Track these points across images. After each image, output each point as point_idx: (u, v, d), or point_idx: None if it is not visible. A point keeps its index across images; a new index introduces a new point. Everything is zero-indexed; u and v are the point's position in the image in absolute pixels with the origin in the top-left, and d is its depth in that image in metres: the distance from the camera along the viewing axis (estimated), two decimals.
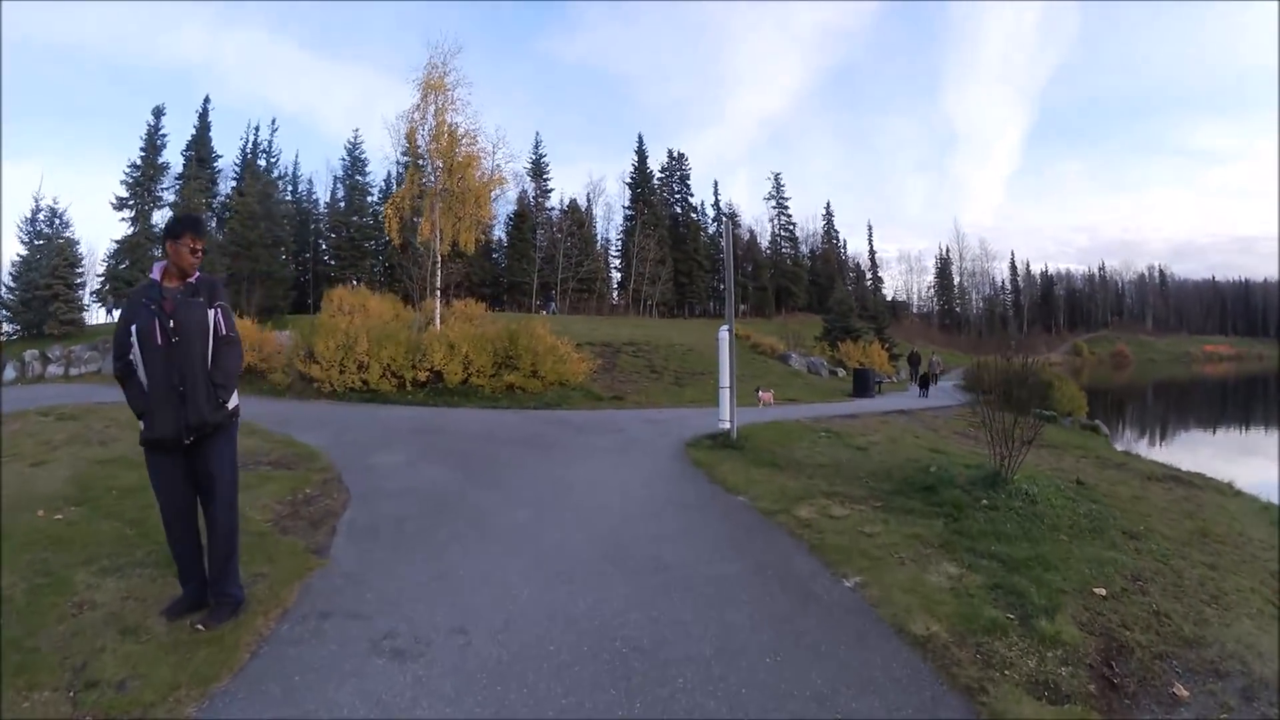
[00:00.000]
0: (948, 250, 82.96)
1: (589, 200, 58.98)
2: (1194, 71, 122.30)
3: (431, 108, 20.59)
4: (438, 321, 21.15)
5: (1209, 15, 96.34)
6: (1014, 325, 76.19)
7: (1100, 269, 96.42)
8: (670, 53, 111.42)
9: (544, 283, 49.90)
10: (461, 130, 20.77)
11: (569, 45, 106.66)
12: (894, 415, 13.54)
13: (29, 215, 30.54)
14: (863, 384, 20.91)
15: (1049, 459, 8.37)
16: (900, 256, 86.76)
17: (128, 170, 34.69)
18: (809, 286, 65.57)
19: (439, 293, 22.64)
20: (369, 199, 44.59)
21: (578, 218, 54.54)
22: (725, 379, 8.82)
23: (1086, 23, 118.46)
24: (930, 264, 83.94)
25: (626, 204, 59.41)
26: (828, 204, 72.53)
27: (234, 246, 34.68)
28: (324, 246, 45.46)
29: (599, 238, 58.53)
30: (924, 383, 21.61)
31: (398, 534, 4.30)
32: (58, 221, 30.07)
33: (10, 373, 21.63)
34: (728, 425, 8.45)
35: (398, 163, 23.41)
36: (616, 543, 4.17)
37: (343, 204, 45.17)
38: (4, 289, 29.19)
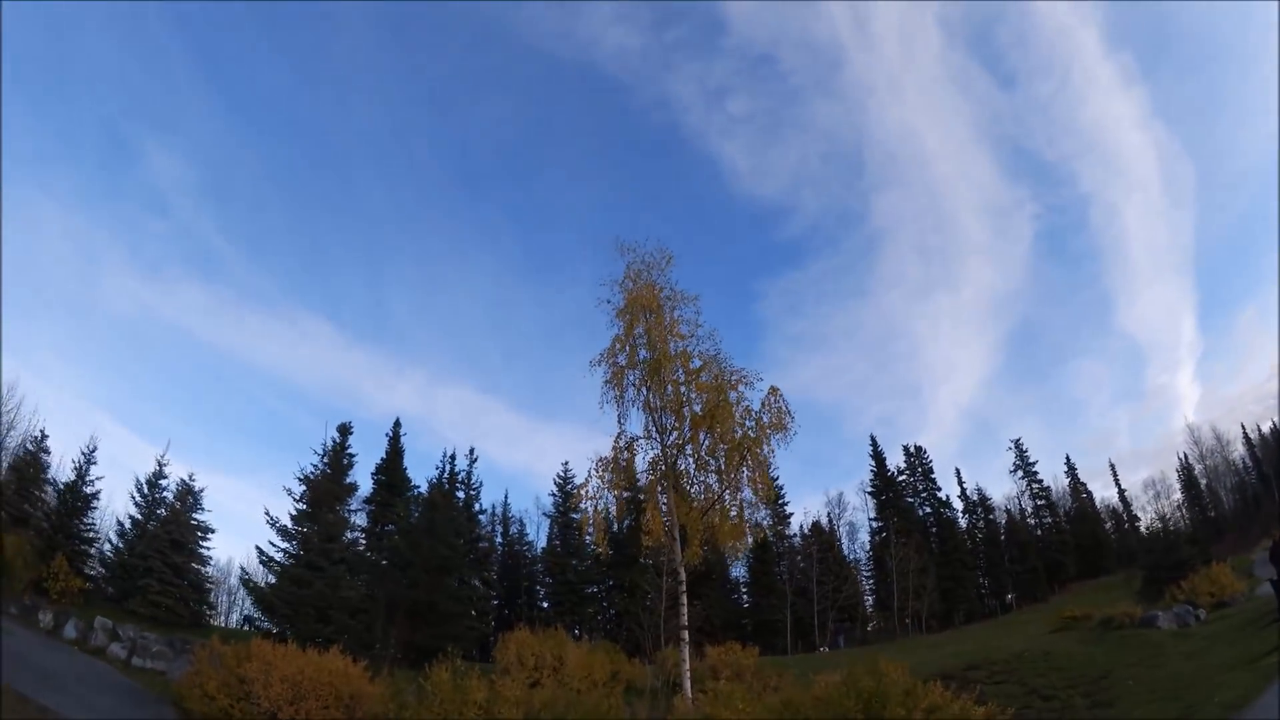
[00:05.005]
0: (1185, 456, 70.24)
1: (831, 520, 53.42)
2: None
3: (641, 338, 14.18)
4: (687, 685, 12.85)
5: None
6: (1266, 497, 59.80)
7: None
8: (869, 375, 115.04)
9: (798, 617, 43.26)
10: (697, 361, 14.07)
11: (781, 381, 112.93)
12: None
13: (150, 477, 28.89)
14: None
15: None
16: (1145, 485, 73.75)
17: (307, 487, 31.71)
18: (1074, 551, 54.35)
19: (686, 634, 13.69)
20: (586, 537, 40.52)
21: (825, 539, 49.07)
22: None
23: (1200, 170, 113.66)
24: (1173, 478, 70.98)
25: (872, 515, 53.30)
26: (1067, 457, 62.95)
27: (389, 565, 30.46)
28: (540, 592, 42.83)
29: (849, 558, 52.14)
30: None
31: None
32: (190, 499, 27.54)
33: (71, 631, 18.85)
34: None
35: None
36: None
37: (558, 545, 42.43)
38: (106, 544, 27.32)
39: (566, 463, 44.60)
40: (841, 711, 8.20)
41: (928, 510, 53.78)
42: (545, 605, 41.42)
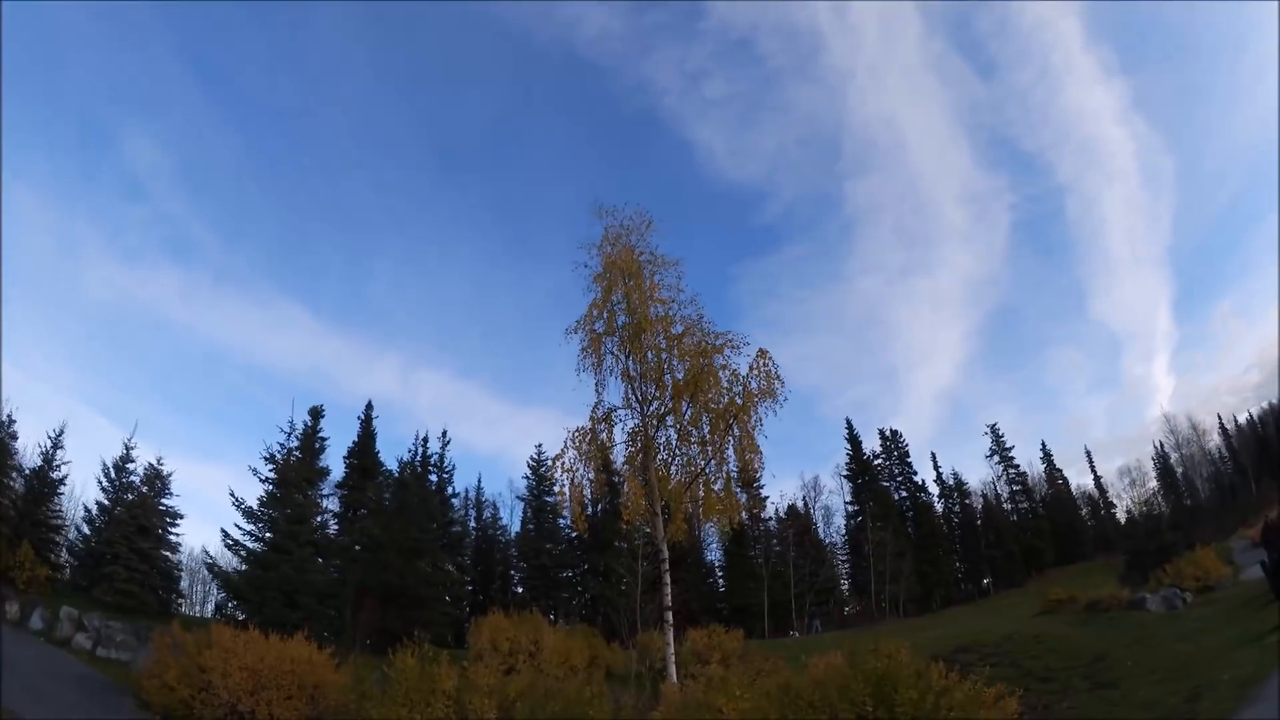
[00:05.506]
0: (1161, 445, 71.08)
1: (807, 504, 53.32)
2: None
3: (620, 303, 13.41)
4: (672, 670, 12.73)
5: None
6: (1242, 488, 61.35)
7: None
8: (845, 358, 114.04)
9: (774, 601, 42.99)
10: (679, 326, 13.35)
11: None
12: None
13: (117, 461, 27.15)
14: None
15: None
16: (1120, 473, 74.50)
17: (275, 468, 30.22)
18: (1051, 537, 54.91)
19: (670, 616, 13.80)
20: (560, 521, 40.73)
21: (801, 523, 48.96)
22: None
23: (1180, 164, 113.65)
24: (1148, 467, 71.61)
25: (848, 498, 53.30)
26: (1043, 444, 63.31)
27: (360, 549, 29.37)
28: (515, 577, 42.14)
29: (825, 541, 52.18)
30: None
31: None
32: (158, 483, 26.06)
33: (37, 621, 17.91)
34: None
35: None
36: None
37: (532, 529, 41.66)
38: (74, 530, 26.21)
39: (540, 445, 43.56)
40: (849, 695, 7.37)
41: (904, 494, 53.80)
42: (520, 590, 40.69)
